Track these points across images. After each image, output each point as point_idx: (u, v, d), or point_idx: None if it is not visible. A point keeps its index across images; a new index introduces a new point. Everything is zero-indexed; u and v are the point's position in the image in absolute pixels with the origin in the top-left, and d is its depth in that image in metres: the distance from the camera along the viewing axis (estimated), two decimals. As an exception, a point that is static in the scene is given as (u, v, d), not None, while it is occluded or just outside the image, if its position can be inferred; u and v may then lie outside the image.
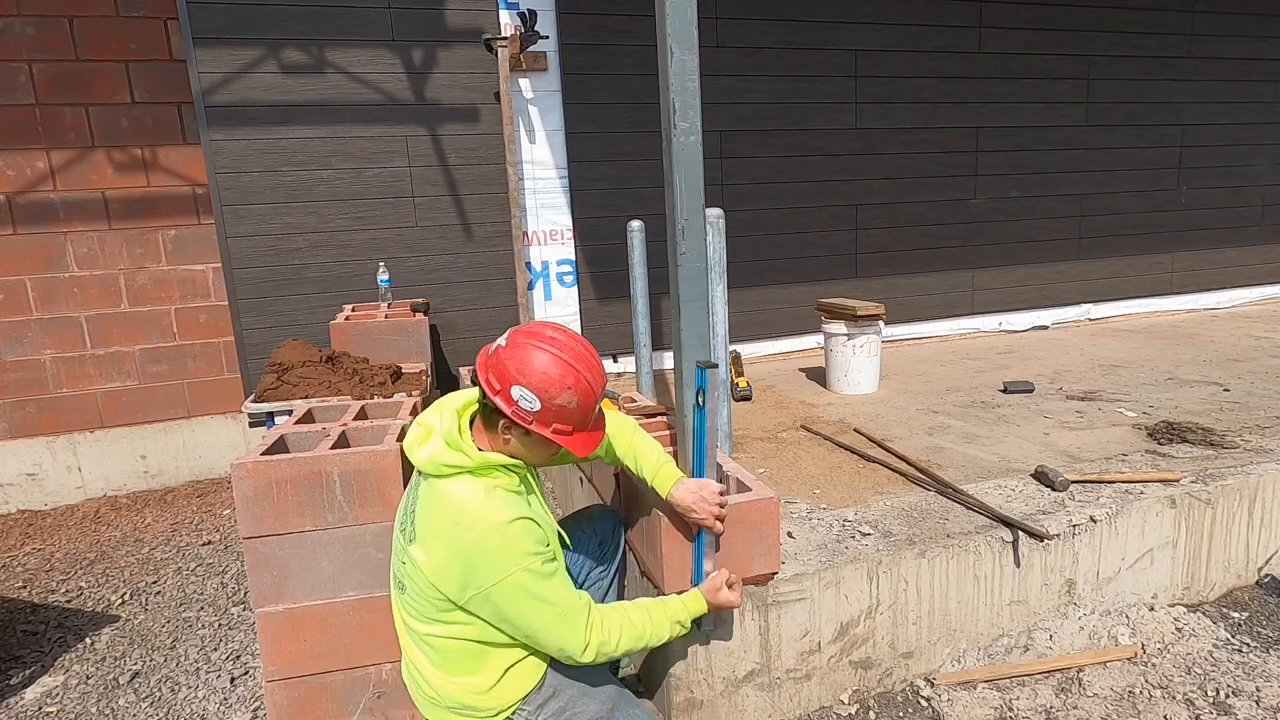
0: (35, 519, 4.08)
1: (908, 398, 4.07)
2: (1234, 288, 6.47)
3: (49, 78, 3.93)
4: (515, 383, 1.64)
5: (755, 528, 2.11)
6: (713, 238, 2.72)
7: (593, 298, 4.72)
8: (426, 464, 1.69)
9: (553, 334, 1.70)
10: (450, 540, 1.64)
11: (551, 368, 1.65)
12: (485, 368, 1.69)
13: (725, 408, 2.98)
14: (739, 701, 2.21)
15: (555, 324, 1.78)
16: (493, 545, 1.63)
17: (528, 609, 1.65)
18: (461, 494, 1.66)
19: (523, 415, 1.65)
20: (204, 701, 2.49)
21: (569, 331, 1.74)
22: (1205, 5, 5.81)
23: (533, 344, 1.67)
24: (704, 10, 3.70)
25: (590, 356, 1.72)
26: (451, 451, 1.68)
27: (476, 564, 1.62)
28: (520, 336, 1.69)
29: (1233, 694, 2.26)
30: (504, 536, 1.63)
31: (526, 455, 1.76)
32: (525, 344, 1.67)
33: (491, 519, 1.64)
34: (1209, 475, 2.81)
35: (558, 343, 1.68)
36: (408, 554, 1.72)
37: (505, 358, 1.66)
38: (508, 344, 1.68)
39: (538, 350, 1.66)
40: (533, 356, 1.65)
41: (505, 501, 1.67)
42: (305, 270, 4.23)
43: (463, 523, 1.64)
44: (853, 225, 5.23)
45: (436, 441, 1.70)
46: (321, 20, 4.02)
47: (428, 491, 1.71)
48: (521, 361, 1.65)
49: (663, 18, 2.03)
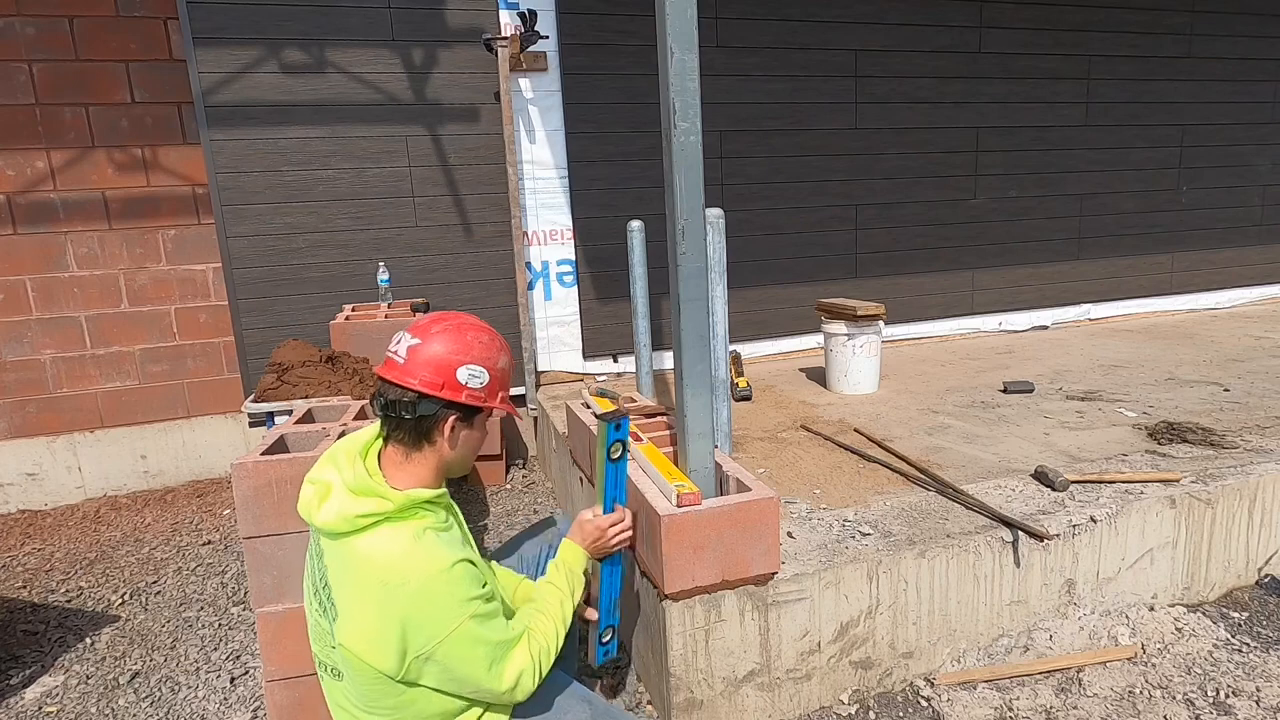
0: (35, 519, 4.08)
1: (908, 398, 4.07)
2: (1234, 288, 6.46)
3: (49, 78, 3.93)
4: (460, 364, 1.55)
5: (755, 528, 2.11)
6: (713, 238, 2.72)
7: (593, 298, 4.72)
8: (335, 522, 1.47)
9: (452, 314, 1.66)
10: (380, 604, 1.43)
11: (481, 334, 1.61)
12: (408, 372, 1.53)
13: (725, 408, 2.98)
14: (739, 701, 2.21)
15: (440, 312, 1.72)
16: (435, 596, 1.44)
17: (477, 656, 1.49)
18: (385, 547, 1.46)
19: (475, 394, 1.57)
20: (204, 701, 2.50)
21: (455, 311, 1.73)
22: (1205, 5, 5.81)
23: (449, 324, 1.60)
24: (704, 10, 3.70)
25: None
26: (363, 499, 1.47)
27: (416, 623, 1.43)
28: (431, 325, 1.59)
29: (1233, 694, 2.26)
30: (446, 584, 1.45)
31: (461, 460, 1.64)
32: (441, 329, 1.59)
33: (429, 568, 1.44)
34: (1209, 475, 2.81)
35: (463, 317, 1.65)
36: (333, 636, 1.50)
37: (430, 350, 1.55)
38: (421, 339, 1.56)
39: (458, 327, 1.60)
40: (459, 334, 1.58)
41: (439, 544, 1.49)
42: (305, 270, 4.23)
43: (393, 580, 1.42)
44: (852, 225, 5.23)
45: (340, 495, 1.49)
46: (321, 20, 4.02)
47: (338, 555, 1.49)
48: (453, 343, 1.57)
49: (663, 18, 2.03)
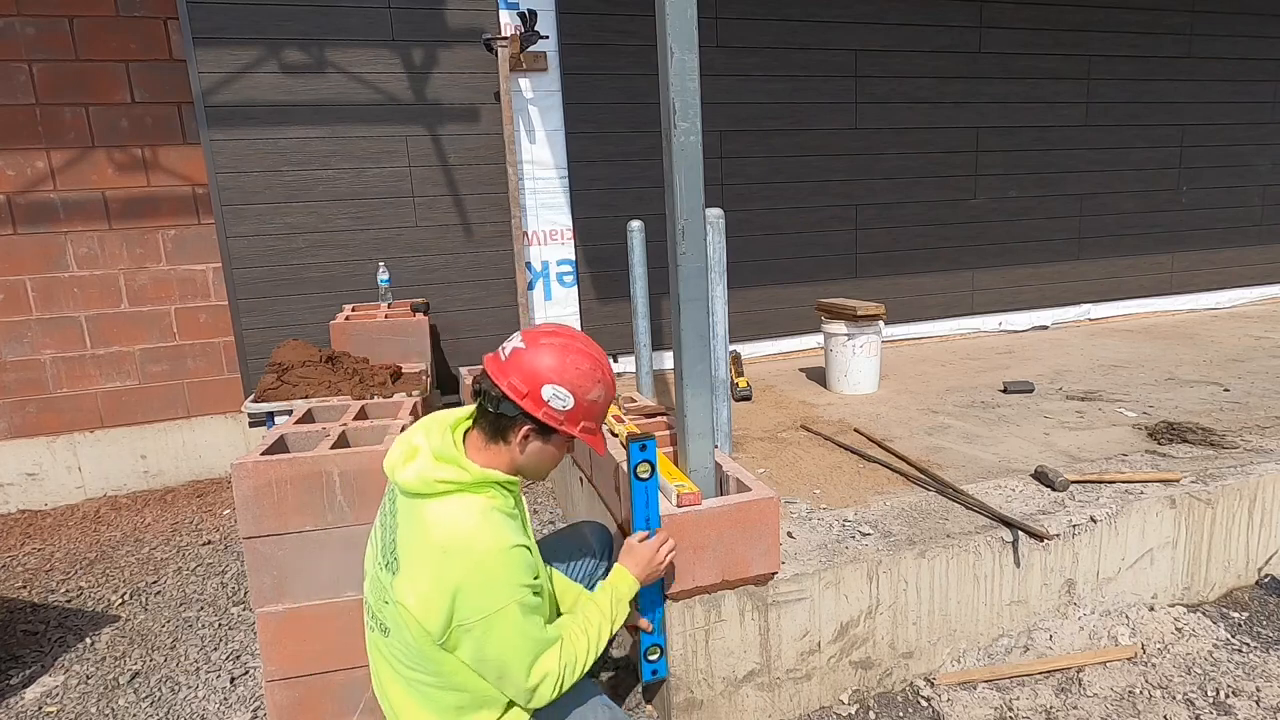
0: (35, 519, 4.08)
1: (908, 398, 4.07)
2: (1234, 288, 6.47)
3: (49, 78, 3.93)
4: (547, 381, 1.57)
5: (755, 528, 2.11)
6: (713, 238, 2.72)
7: (593, 298, 4.72)
8: (414, 482, 1.54)
9: (570, 332, 1.68)
10: (439, 566, 1.49)
11: (583, 362, 1.62)
12: (503, 372, 1.59)
13: (725, 408, 2.98)
14: (739, 701, 2.21)
15: (562, 325, 1.75)
16: (490, 572, 1.50)
17: (512, 644, 1.53)
18: (454, 515, 1.52)
19: (554, 415, 1.59)
20: (204, 701, 2.49)
21: (580, 332, 1.73)
22: (1205, 5, 5.81)
23: (557, 342, 1.62)
24: (704, 10, 3.70)
25: (604, 355, 1.71)
26: (444, 466, 1.55)
27: (466, 593, 1.48)
28: (541, 336, 1.62)
29: (1233, 694, 2.26)
30: (503, 563, 1.51)
31: (533, 467, 1.67)
32: (549, 343, 1.61)
33: (489, 544, 1.50)
34: (1209, 475, 2.81)
35: (579, 339, 1.66)
36: (391, 590, 1.56)
37: (528, 358, 1.58)
38: (527, 345, 1.60)
39: (564, 347, 1.62)
40: (561, 354, 1.60)
41: (503, 525, 1.55)
42: (305, 270, 4.23)
43: (454, 547, 1.49)
44: (852, 225, 5.23)
45: (425, 458, 1.56)
46: (321, 20, 4.02)
47: (411, 514, 1.57)
48: (551, 359, 1.59)
49: (663, 18, 2.03)
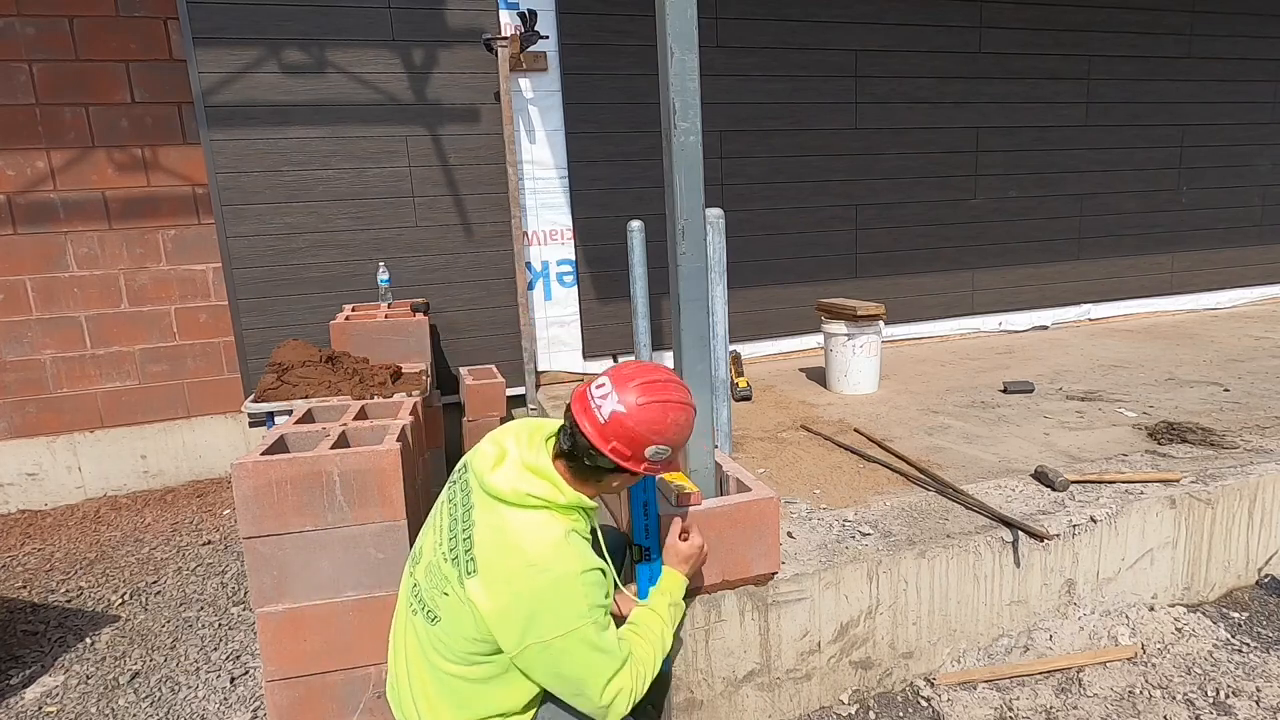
0: (35, 519, 4.08)
1: (908, 398, 4.07)
2: (1234, 288, 6.46)
3: (49, 78, 3.93)
4: (651, 444, 1.60)
5: (755, 528, 2.11)
6: (713, 238, 2.72)
7: (593, 298, 4.72)
8: (507, 492, 1.58)
9: (665, 383, 1.65)
10: (519, 583, 1.52)
11: (681, 416, 1.65)
12: (605, 437, 1.59)
13: (725, 408, 2.98)
14: (739, 701, 2.21)
15: (653, 364, 1.74)
16: (568, 593, 1.54)
17: (591, 660, 1.57)
18: (539, 534, 1.56)
19: (653, 468, 1.64)
20: (204, 701, 2.50)
21: (665, 369, 1.73)
22: (1205, 5, 5.81)
23: (657, 400, 1.61)
24: (704, 10, 3.69)
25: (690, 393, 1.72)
26: (540, 482, 1.59)
27: (543, 611, 1.52)
28: (640, 393, 1.61)
29: (1233, 694, 2.26)
30: (581, 585, 1.55)
31: (611, 492, 1.74)
32: (649, 402, 1.60)
33: (571, 566, 1.54)
34: (1209, 475, 2.81)
35: (673, 389, 1.66)
36: (459, 587, 1.57)
37: (631, 423, 1.58)
38: (627, 408, 1.59)
39: (664, 405, 1.62)
40: (662, 413, 1.61)
41: (582, 550, 1.59)
42: (305, 270, 4.23)
43: (537, 565, 1.53)
44: (853, 225, 5.23)
45: (516, 467, 1.61)
46: (321, 20, 4.02)
47: (492, 518, 1.59)
48: (654, 419, 1.60)
49: (663, 18, 2.03)
